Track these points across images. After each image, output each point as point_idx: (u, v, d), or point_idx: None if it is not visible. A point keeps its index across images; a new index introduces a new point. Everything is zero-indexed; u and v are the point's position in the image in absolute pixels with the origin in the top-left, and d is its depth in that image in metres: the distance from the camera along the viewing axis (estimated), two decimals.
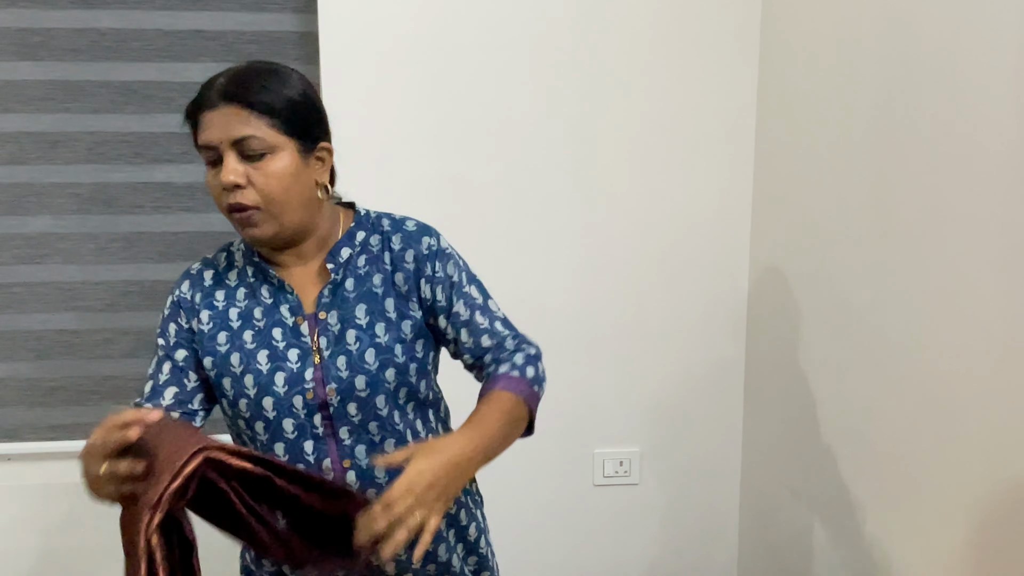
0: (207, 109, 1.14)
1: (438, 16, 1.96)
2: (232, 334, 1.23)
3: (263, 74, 1.16)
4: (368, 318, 1.22)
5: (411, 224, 1.29)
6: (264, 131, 1.13)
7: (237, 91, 1.13)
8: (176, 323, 1.26)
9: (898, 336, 1.52)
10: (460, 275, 1.28)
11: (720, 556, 2.28)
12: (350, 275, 1.24)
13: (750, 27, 2.05)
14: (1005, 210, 1.25)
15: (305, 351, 1.21)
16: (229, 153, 1.13)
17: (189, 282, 1.28)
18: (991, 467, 1.30)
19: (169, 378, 1.24)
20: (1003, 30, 1.25)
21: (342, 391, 1.20)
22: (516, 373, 1.22)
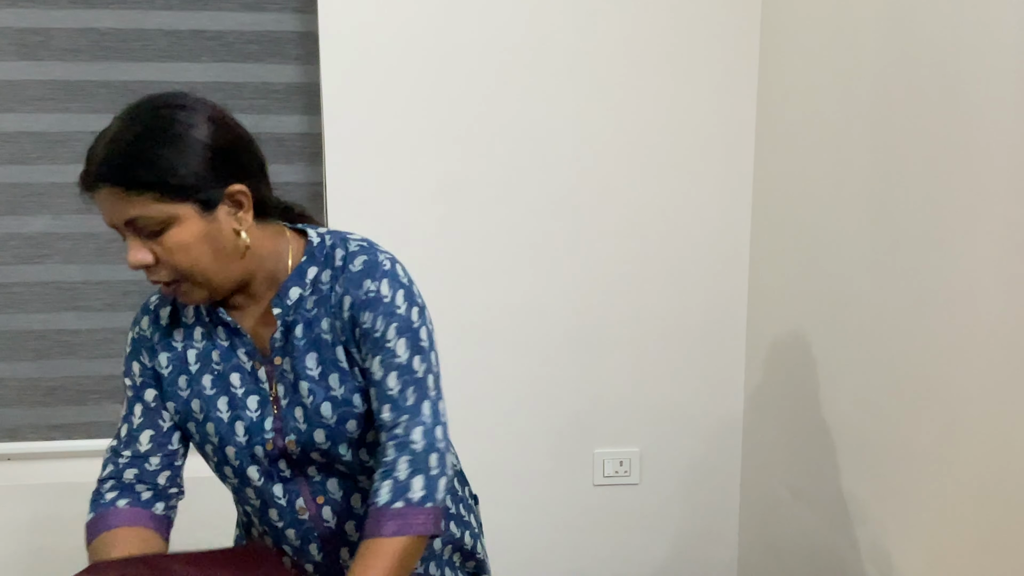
0: (88, 191, 1.03)
1: (438, 16, 1.96)
2: (191, 378, 1.16)
3: (140, 140, 1.01)
4: (320, 368, 1.13)
5: (359, 262, 1.14)
6: (151, 208, 1.01)
7: (110, 171, 1.00)
8: (139, 362, 1.20)
9: (898, 336, 1.52)
10: (389, 328, 1.12)
11: (720, 556, 2.28)
12: (300, 319, 1.13)
13: (750, 27, 2.05)
14: (1005, 210, 1.25)
15: (264, 398, 1.15)
16: (127, 234, 1.04)
17: (148, 319, 1.20)
18: (991, 467, 1.30)
19: (143, 421, 1.18)
20: (1003, 30, 1.25)
21: (302, 443, 1.14)
22: (400, 504, 1.06)
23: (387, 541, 1.05)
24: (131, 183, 1.00)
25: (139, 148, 1.00)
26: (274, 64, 1.99)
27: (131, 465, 1.18)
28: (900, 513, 1.54)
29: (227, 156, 1.06)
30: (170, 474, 1.20)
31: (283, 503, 1.18)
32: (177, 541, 2.22)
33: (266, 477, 1.17)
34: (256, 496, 1.19)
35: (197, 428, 1.17)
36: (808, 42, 1.84)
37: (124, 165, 1.00)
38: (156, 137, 1.01)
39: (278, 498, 1.17)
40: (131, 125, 1.02)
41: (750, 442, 2.20)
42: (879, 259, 1.58)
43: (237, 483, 1.19)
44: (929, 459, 1.45)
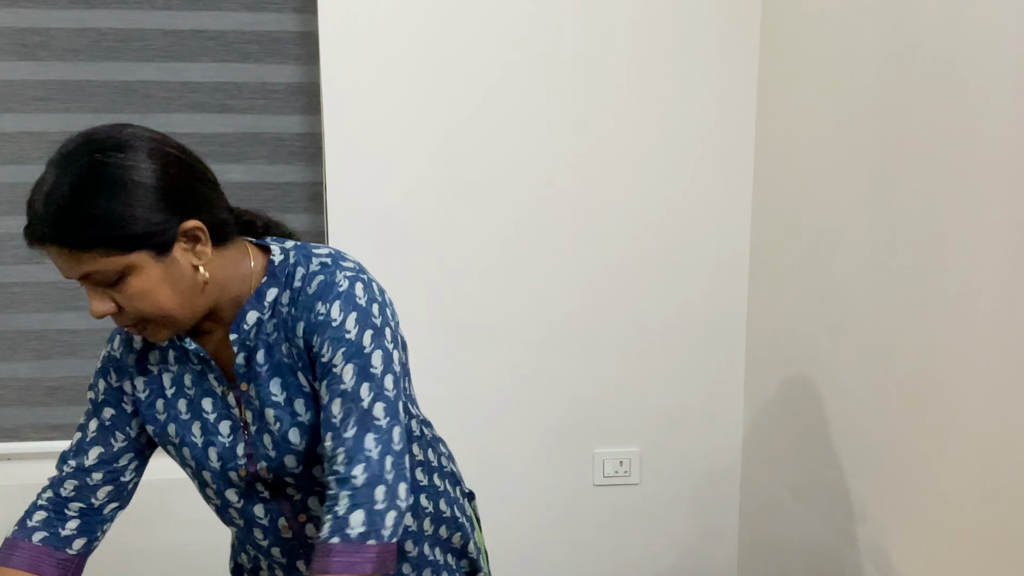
0: (36, 244, 1.00)
1: (438, 16, 1.95)
2: (167, 402, 1.15)
3: (77, 194, 0.96)
4: (285, 393, 1.09)
5: (315, 283, 1.08)
6: (102, 262, 0.97)
7: (54, 231, 0.97)
8: (106, 380, 1.17)
9: (898, 336, 1.52)
10: (336, 354, 1.06)
11: (720, 556, 2.28)
12: (260, 345, 1.09)
13: (750, 27, 2.05)
14: (1005, 210, 1.25)
15: (235, 424, 1.13)
16: (85, 285, 1.01)
17: (120, 339, 1.17)
18: (991, 467, 1.30)
19: (96, 436, 1.17)
20: (1003, 30, 1.25)
21: (273, 469, 1.11)
22: (337, 540, 1.00)
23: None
24: (76, 243, 0.96)
25: (79, 204, 0.96)
26: (274, 64, 1.99)
27: (73, 476, 1.17)
28: (900, 513, 1.54)
29: (175, 193, 1.01)
30: (112, 489, 1.18)
31: (265, 523, 1.17)
32: (179, 540, 2.22)
33: (246, 499, 1.15)
34: (239, 516, 1.18)
35: (175, 452, 1.16)
36: (808, 42, 1.84)
37: (65, 224, 0.96)
38: (96, 189, 0.96)
39: (260, 518, 1.16)
40: (67, 177, 0.97)
41: (750, 442, 2.20)
42: (879, 259, 1.58)
43: (219, 504, 1.19)
44: (929, 459, 1.45)
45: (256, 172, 2.02)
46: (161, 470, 2.09)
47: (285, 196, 2.03)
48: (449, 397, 1.41)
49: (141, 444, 1.20)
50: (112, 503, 1.20)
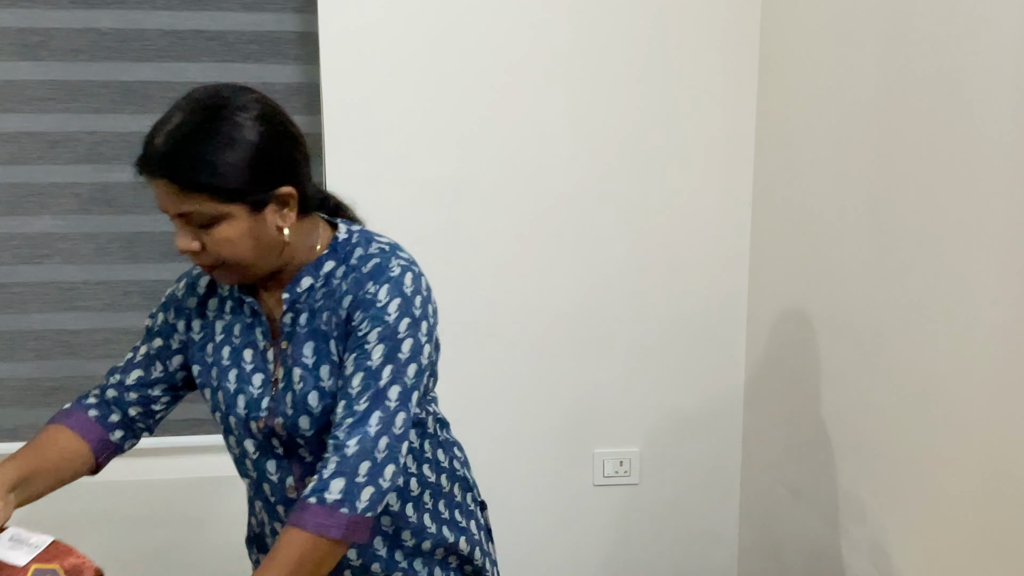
0: (146, 175, 1.08)
1: (438, 16, 1.96)
2: (215, 347, 1.23)
3: (202, 138, 1.05)
4: (315, 358, 1.16)
5: (371, 264, 1.17)
6: (205, 205, 1.06)
7: (171, 167, 1.05)
8: (164, 314, 1.29)
9: (898, 336, 1.52)
10: (372, 331, 1.13)
11: (720, 556, 2.28)
12: (306, 308, 1.18)
13: (750, 27, 2.05)
14: (1005, 210, 1.25)
15: (267, 378, 1.20)
16: (177, 222, 1.09)
17: (186, 282, 1.29)
18: (991, 467, 1.30)
19: (141, 360, 1.29)
20: (1003, 30, 1.25)
21: (288, 427, 1.18)
22: (313, 500, 1.07)
23: (295, 532, 1.06)
24: (188, 183, 1.05)
25: (199, 150, 1.05)
26: (274, 64, 1.99)
27: (114, 388, 1.29)
28: (900, 513, 1.54)
29: (279, 159, 1.11)
30: (142, 411, 1.30)
31: (275, 479, 1.22)
32: (178, 539, 2.22)
33: (261, 452, 1.22)
34: (253, 469, 1.24)
35: (211, 394, 1.24)
36: (808, 42, 1.84)
37: (184, 166, 1.05)
38: (216, 140, 1.05)
39: (271, 474, 1.22)
40: (192, 122, 1.06)
41: (750, 442, 2.20)
42: (879, 259, 1.58)
43: (238, 453, 1.25)
44: (929, 459, 1.45)
45: None
46: (161, 470, 2.09)
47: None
48: (449, 397, 1.41)
49: (176, 381, 1.30)
50: (139, 424, 1.32)
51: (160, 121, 1.08)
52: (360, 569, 1.26)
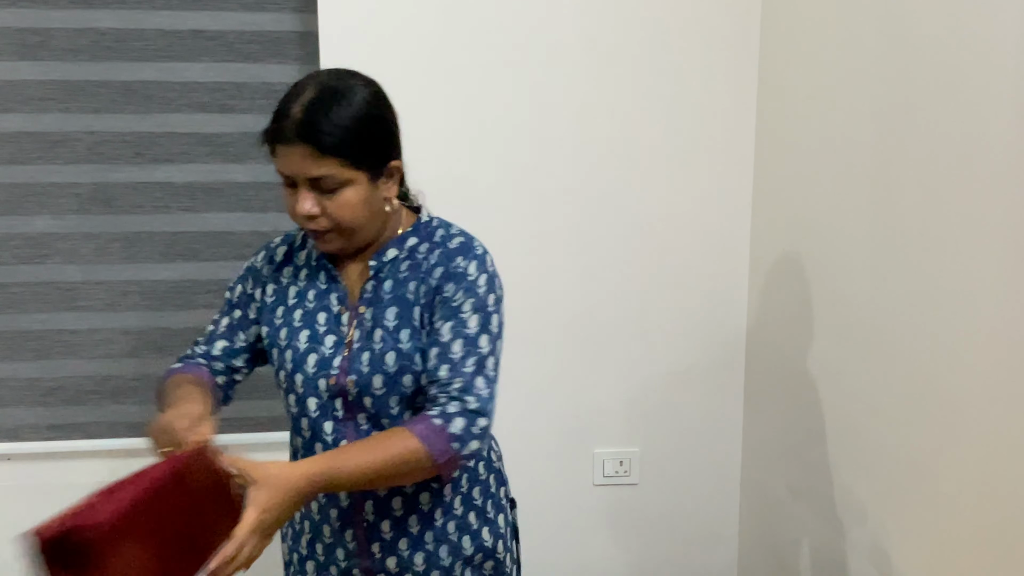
0: (282, 143, 1.17)
1: (438, 16, 1.96)
2: (287, 310, 1.32)
3: (336, 108, 1.17)
4: (397, 322, 1.26)
5: (456, 241, 1.31)
6: (336, 169, 1.17)
7: (311, 132, 1.15)
8: (243, 286, 1.38)
9: (898, 336, 1.52)
10: (465, 300, 1.25)
11: (720, 556, 2.28)
12: (390, 277, 1.29)
13: (750, 27, 2.05)
14: (1005, 210, 1.25)
15: (340, 340, 1.28)
16: (304, 186, 1.19)
17: (264, 253, 1.38)
18: (991, 467, 1.30)
19: (224, 332, 1.38)
20: (1003, 30, 1.25)
21: (360, 384, 1.25)
22: (439, 422, 1.18)
23: (407, 434, 1.16)
24: (326, 147, 1.15)
25: (336, 118, 1.16)
26: (274, 64, 1.99)
27: (202, 358, 1.37)
28: (900, 513, 1.54)
29: (393, 135, 1.26)
30: (226, 380, 1.38)
31: (329, 441, 1.28)
32: None
33: (321, 412, 1.28)
34: (308, 428, 1.30)
35: (278, 354, 1.31)
36: (808, 42, 1.84)
37: (323, 131, 1.15)
38: (350, 110, 1.18)
39: (326, 434, 1.28)
40: (327, 93, 1.17)
41: (750, 442, 2.20)
42: (879, 259, 1.58)
43: (296, 412, 1.31)
44: (929, 459, 1.45)
45: (256, 172, 2.02)
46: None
47: None
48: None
49: (256, 350, 1.39)
50: (227, 390, 1.39)
51: (290, 96, 1.18)
52: (389, 544, 1.32)
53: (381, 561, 1.32)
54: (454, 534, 1.34)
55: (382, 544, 1.31)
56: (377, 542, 1.31)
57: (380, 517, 1.30)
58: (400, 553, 1.32)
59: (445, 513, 1.33)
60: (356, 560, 1.32)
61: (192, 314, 2.04)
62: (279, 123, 1.17)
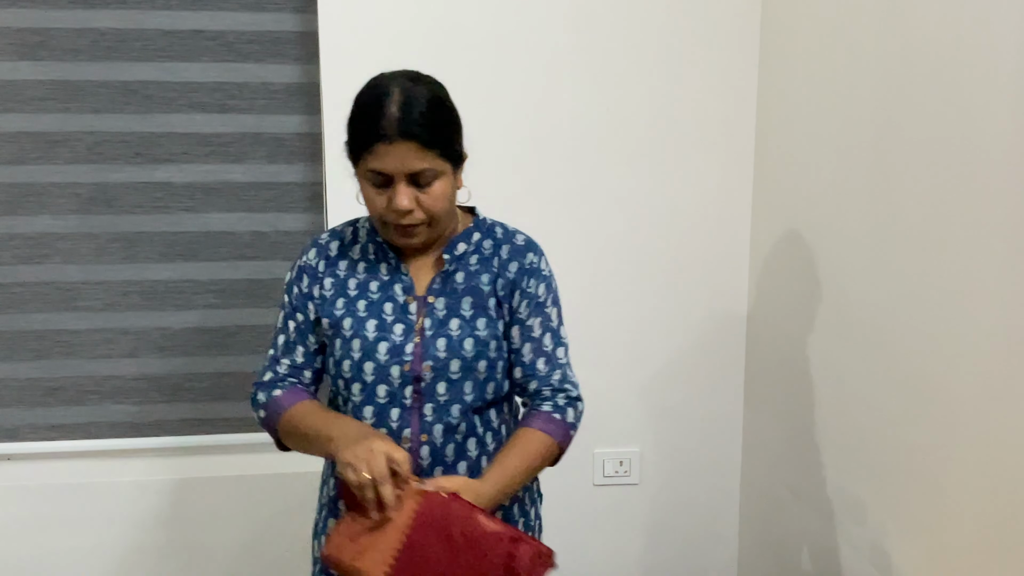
0: (382, 142, 1.22)
1: (438, 16, 1.96)
2: (348, 301, 1.36)
3: (432, 107, 1.25)
4: (472, 311, 1.35)
5: (520, 238, 1.42)
6: (434, 162, 1.24)
7: (414, 129, 1.22)
8: (298, 287, 1.39)
9: (898, 336, 1.52)
10: (547, 296, 1.40)
11: (720, 556, 2.28)
12: (461, 269, 1.37)
13: (750, 27, 2.05)
14: (1005, 210, 1.25)
15: (409, 328, 1.33)
16: (402, 182, 1.24)
17: (316, 251, 1.41)
18: (991, 467, 1.30)
19: (296, 337, 1.39)
20: (1003, 30, 1.25)
21: (437, 369, 1.32)
22: (557, 416, 1.37)
23: (534, 432, 1.34)
24: (429, 141, 1.23)
25: (436, 113, 1.25)
26: (274, 64, 1.99)
27: (290, 374, 1.39)
28: (900, 513, 1.54)
29: (462, 129, 1.33)
30: (315, 388, 1.42)
31: (393, 427, 1.33)
32: (179, 538, 2.22)
33: (390, 399, 1.33)
34: (373, 415, 1.33)
35: (342, 344, 1.34)
36: (808, 42, 1.84)
37: (426, 126, 1.23)
38: (442, 105, 1.27)
39: (391, 421, 1.33)
40: (420, 92, 1.25)
41: (750, 442, 2.20)
42: (879, 259, 1.58)
43: (360, 400, 1.34)
44: (929, 459, 1.45)
45: (256, 172, 2.02)
46: (162, 470, 2.09)
47: (285, 196, 2.03)
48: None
49: (323, 350, 1.41)
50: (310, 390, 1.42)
51: (377, 98, 1.24)
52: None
53: None
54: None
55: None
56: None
57: None
58: None
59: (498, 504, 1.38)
60: None
61: (192, 314, 2.04)
62: (377, 123, 1.22)
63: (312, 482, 2.09)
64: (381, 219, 1.29)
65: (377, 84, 1.27)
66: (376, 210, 1.28)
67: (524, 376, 1.39)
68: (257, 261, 2.05)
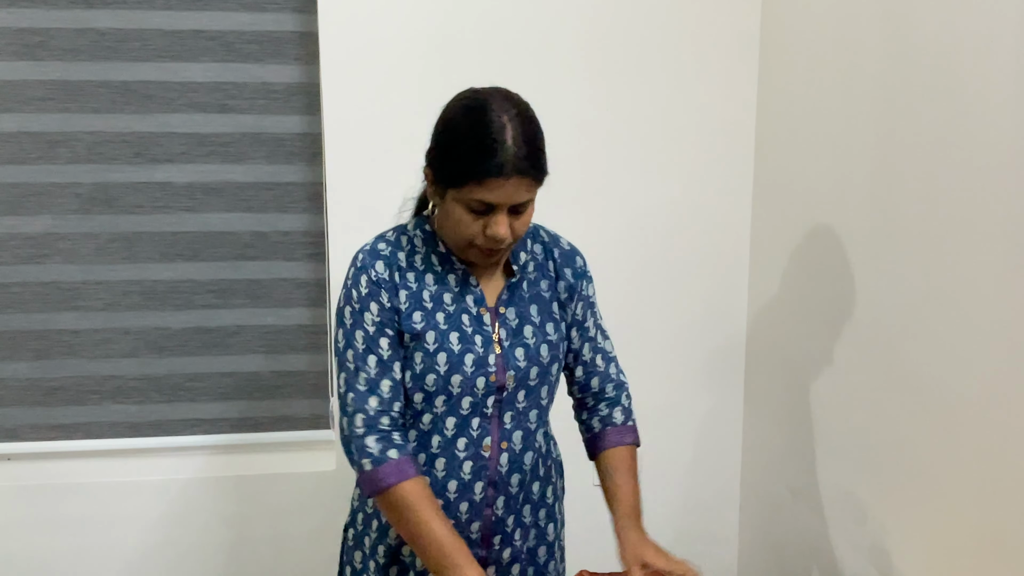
0: (499, 176, 1.20)
1: (438, 16, 1.96)
2: (427, 314, 1.32)
3: (541, 139, 1.25)
4: (540, 317, 1.37)
5: (564, 242, 1.46)
6: (534, 192, 1.26)
7: (531, 167, 1.22)
8: (378, 303, 1.30)
9: (898, 335, 1.52)
10: (594, 295, 1.47)
11: (720, 556, 2.28)
12: (525, 278, 1.39)
13: (750, 28, 2.05)
14: (1005, 210, 1.25)
15: (487, 339, 1.33)
16: (504, 212, 1.24)
17: (384, 263, 1.32)
18: (991, 467, 1.30)
19: (391, 353, 1.30)
20: (1003, 31, 1.25)
21: (519, 379, 1.34)
22: (631, 423, 1.48)
23: (629, 448, 1.46)
24: (538, 177, 1.25)
25: (542, 148, 1.26)
26: (274, 64, 1.99)
27: (395, 397, 1.30)
28: (900, 513, 1.54)
29: None
30: (402, 420, 1.33)
31: (474, 435, 1.33)
32: (179, 538, 2.21)
33: (472, 410, 1.33)
34: (454, 426, 1.33)
35: (424, 357, 1.30)
36: (808, 42, 1.84)
37: (538, 164, 1.24)
38: (542, 135, 1.27)
39: (472, 430, 1.33)
40: (530, 123, 1.25)
41: (750, 442, 2.20)
42: (879, 259, 1.58)
43: (443, 411, 1.32)
44: (929, 459, 1.45)
45: (256, 172, 2.02)
46: (162, 470, 2.09)
47: (285, 196, 2.03)
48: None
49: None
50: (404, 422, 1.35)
51: (495, 126, 1.20)
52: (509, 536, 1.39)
53: (499, 552, 1.39)
54: (543, 521, 1.45)
55: (503, 536, 1.38)
56: (500, 534, 1.38)
57: (508, 511, 1.37)
58: (515, 544, 1.40)
59: (541, 501, 1.44)
60: (476, 550, 1.36)
61: (192, 314, 2.04)
62: (493, 157, 1.19)
63: (312, 482, 2.10)
64: (469, 243, 1.26)
65: (483, 108, 1.22)
66: (467, 235, 1.25)
67: (586, 374, 1.46)
68: (257, 261, 2.05)
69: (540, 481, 1.42)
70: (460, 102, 1.28)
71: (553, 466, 1.48)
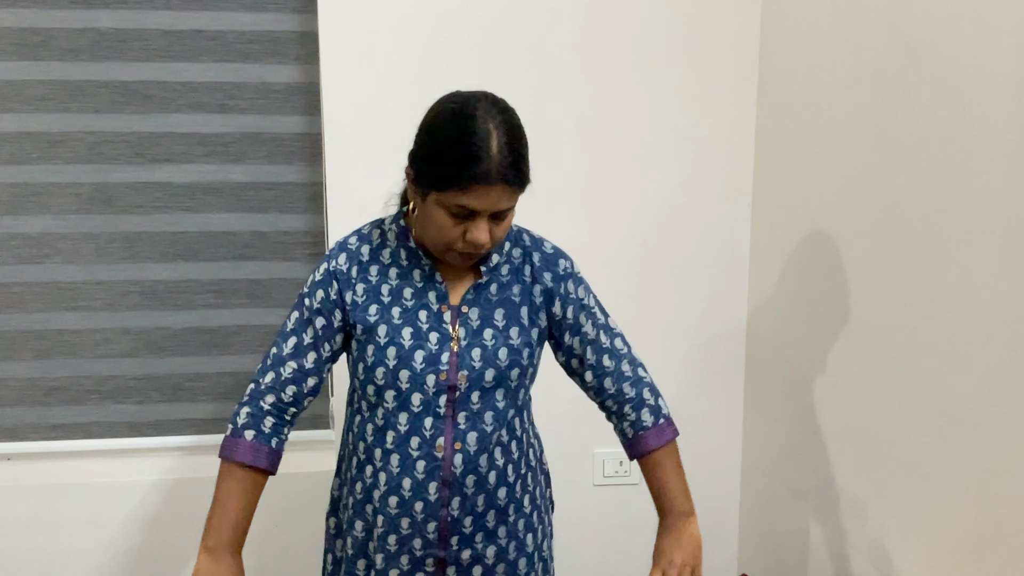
0: (483, 184, 1.20)
1: (438, 16, 1.96)
2: (382, 307, 1.34)
3: (525, 147, 1.25)
4: (505, 321, 1.36)
5: (548, 246, 1.44)
6: (516, 199, 1.27)
7: (515, 176, 1.22)
8: (324, 291, 1.35)
9: (898, 335, 1.52)
10: (588, 297, 1.44)
11: (720, 556, 2.28)
12: (495, 280, 1.37)
13: (750, 28, 2.05)
14: (1005, 210, 1.25)
15: (444, 337, 1.33)
16: (484, 218, 1.24)
17: (346, 255, 1.37)
18: (991, 466, 1.30)
19: (312, 342, 1.35)
20: (1003, 30, 1.25)
21: (472, 379, 1.32)
22: (663, 420, 1.44)
23: (673, 446, 1.43)
24: (521, 185, 1.24)
25: (525, 156, 1.25)
26: (274, 64, 1.99)
27: (293, 381, 1.35)
28: (900, 513, 1.54)
29: None
30: (312, 389, 1.37)
31: (428, 435, 1.32)
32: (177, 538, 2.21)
33: (424, 407, 1.32)
34: (407, 423, 1.33)
35: (375, 351, 1.32)
36: (808, 42, 1.84)
37: (522, 172, 1.24)
38: (526, 142, 1.26)
39: (425, 429, 1.32)
40: (514, 129, 1.24)
41: (750, 442, 2.20)
42: (879, 259, 1.58)
43: (394, 406, 1.33)
44: (929, 459, 1.45)
45: (256, 172, 2.02)
46: (162, 470, 2.09)
47: (285, 196, 2.04)
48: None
49: (335, 357, 1.39)
50: (297, 412, 1.38)
51: (480, 133, 1.20)
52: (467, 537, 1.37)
53: (456, 552, 1.37)
54: (522, 531, 1.42)
55: (461, 537, 1.36)
56: (457, 535, 1.36)
57: (464, 512, 1.35)
58: (475, 546, 1.37)
59: (516, 510, 1.40)
60: (433, 550, 1.36)
61: (192, 314, 2.05)
62: (478, 164, 1.19)
63: (312, 483, 2.10)
64: (448, 246, 1.27)
65: (470, 114, 1.22)
66: (446, 238, 1.26)
67: (596, 377, 1.43)
68: (257, 261, 2.05)
69: (508, 488, 1.39)
70: (446, 106, 1.26)
71: (530, 474, 1.44)
